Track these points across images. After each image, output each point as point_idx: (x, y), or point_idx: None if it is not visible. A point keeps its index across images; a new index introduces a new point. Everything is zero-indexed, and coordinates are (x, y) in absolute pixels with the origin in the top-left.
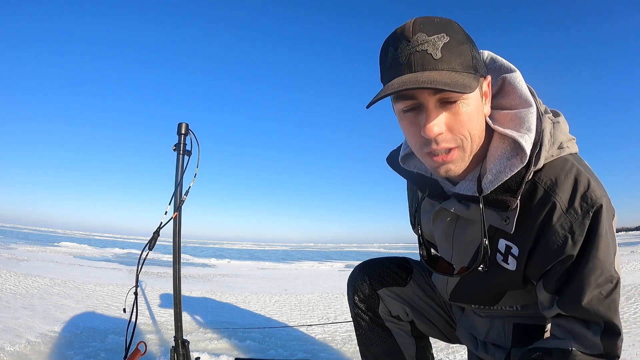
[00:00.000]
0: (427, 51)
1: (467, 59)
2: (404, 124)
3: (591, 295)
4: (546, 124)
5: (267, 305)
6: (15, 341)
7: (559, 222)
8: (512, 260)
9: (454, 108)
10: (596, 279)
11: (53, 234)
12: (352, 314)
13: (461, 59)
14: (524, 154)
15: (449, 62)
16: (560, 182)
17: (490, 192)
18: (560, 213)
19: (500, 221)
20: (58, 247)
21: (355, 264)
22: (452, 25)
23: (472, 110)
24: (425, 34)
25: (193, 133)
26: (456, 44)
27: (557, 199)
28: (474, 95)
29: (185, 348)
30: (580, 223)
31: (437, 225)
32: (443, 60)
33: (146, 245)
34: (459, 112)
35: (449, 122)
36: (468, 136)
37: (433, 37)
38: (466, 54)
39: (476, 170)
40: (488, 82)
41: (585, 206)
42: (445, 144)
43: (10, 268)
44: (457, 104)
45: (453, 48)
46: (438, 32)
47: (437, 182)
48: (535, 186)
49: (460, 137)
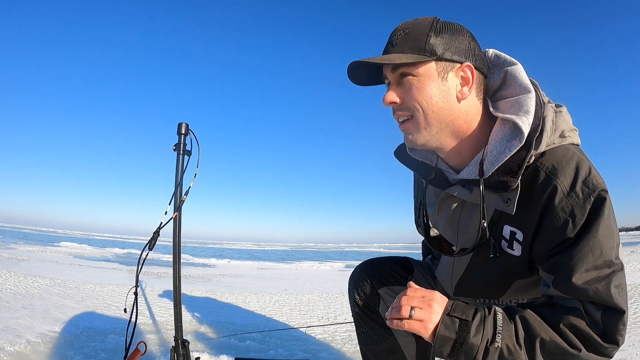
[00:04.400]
0: (392, 42)
1: (420, 43)
2: None
3: (589, 275)
4: (548, 112)
5: (267, 305)
6: (15, 341)
7: (560, 205)
8: (517, 246)
9: (407, 83)
10: (595, 260)
11: (53, 234)
12: (352, 312)
13: (411, 44)
14: (522, 135)
15: (401, 47)
16: (561, 166)
17: (492, 174)
18: (561, 196)
19: (502, 203)
20: (58, 247)
21: (356, 264)
22: (423, 21)
23: (424, 86)
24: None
25: (193, 133)
26: (415, 34)
27: (558, 183)
28: (426, 73)
29: (185, 348)
30: (582, 207)
31: (443, 216)
32: (397, 46)
33: (146, 245)
34: (410, 87)
35: (401, 94)
36: (419, 108)
37: (401, 31)
38: (420, 40)
39: (478, 156)
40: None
41: (587, 190)
42: (399, 113)
43: (10, 268)
44: (409, 79)
45: (410, 37)
46: (406, 28)
47: (441, 170)
48: (537, 171)
49: (411, 108)
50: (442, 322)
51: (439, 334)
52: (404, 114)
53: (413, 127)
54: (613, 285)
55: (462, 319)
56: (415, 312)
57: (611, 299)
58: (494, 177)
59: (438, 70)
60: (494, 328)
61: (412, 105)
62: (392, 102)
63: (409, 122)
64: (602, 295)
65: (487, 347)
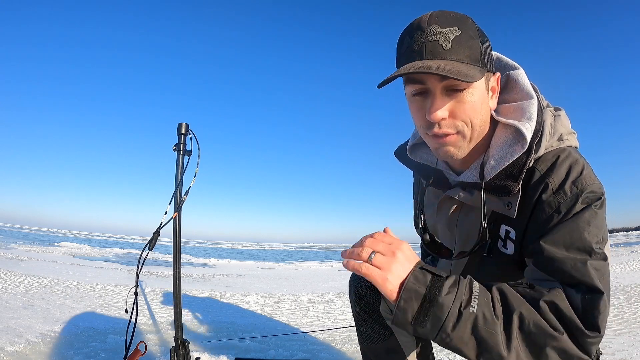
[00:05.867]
0: (439, 42)
1: (476, 52)
2: (412, 106)
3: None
4: (547, 116)
5: (267, 305)
6: (15, 341)
7: (547, 201)
8: (510, 244)
9: (459, 96)
10: (574, 242)
11: (53, 234)
12: (353, 311)
13: (469, 52)
14: (524, 141)
15: (457, 53)
16: (555, 167)
17: (493, 178)
18: (550, 193)
19: (502, 206)
20: (58, 247)
21: None
22: (466, 20)
23: (476, 101)
24: (439, 26)
25: (193, 133)
26: (466, 38)
27: (549, 181)
28: (479, 86)
29: (185, 348)
30: (568, 204)
31: (441, 216)
32: (452, 51)
33: (146, 245)
34: (463, 101)
35: (452, 109)
36: (469, 123)
37: (445, 30)
38: (475, 48)
39: (479, 159)
40: (497, 78)
41: (575, 190)
42: (446, 129)
43: (10, 268)
44: (463, 93)
45: (463, 41)
46: (451, 26)
47: (441, 172)
48: (533, 172)
49: (461, 124)
50: (412, 274)
51: (407, 286)
52: (450, 131)
53: (458, 142)
54: (592, 267)
55: (436, 274)
56: (376, 257)
57: (590, 279)
58: (495, 181)
59: (485, 82)
60: (470, 292)
61: (463, 120)
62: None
63: (454, 137)
64: (580, 272)
65: (460, 311)
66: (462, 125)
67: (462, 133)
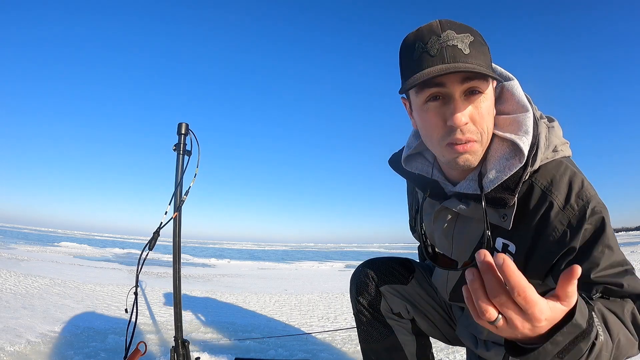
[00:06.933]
0: (457, 46)
1: (488, 58)
2: (426, 115)
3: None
4: (542, 128)
5: (267, 305)
6: (15, 341)
7: (557, 219)
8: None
9: (477, 101)
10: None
11: (53, 234)
12: (354, 310)
13: (483, 57)
14: (522, 155)
15: (476, 58)
16: (556, 182)
17: (490, 190)
18: (557, 210)
19: (498, 218)
20: (58, 247)
21: (356, 264)
22: (473, 28)
23: (489, 106)
24: (454, 32)
25: (193, 133)
26: (479, 44)
27: (553, 198)
28: (489, 93)
29: (185, 348)
30: (578, 217)
31: (438, 226)
32: (472, 56)
33: (146, 245)
34: (480, 106)
35: (473, 114)
36: (486, 130)
37: (461, 35)
38: (487, 54)
39: (476, 171)
40: (494, 87)
41: (582, 202)
42: (469, 135)
43: (10, 268)
44: (480, 98)
45: (478, 47)
46: (464, 32)
47: (437, 183)
48: (532, 187)
49: (481, 130)
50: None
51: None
52: (473, 137)
53: (477, 149)
54: (633, 276)
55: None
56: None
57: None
58: (492, 193)
59: (493, 89)
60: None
61: (482, 127)
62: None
63: (475, 144)
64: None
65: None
66: (482, 133)
67: (480, 141)
